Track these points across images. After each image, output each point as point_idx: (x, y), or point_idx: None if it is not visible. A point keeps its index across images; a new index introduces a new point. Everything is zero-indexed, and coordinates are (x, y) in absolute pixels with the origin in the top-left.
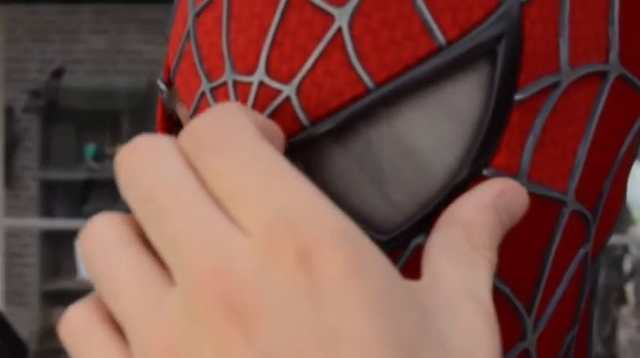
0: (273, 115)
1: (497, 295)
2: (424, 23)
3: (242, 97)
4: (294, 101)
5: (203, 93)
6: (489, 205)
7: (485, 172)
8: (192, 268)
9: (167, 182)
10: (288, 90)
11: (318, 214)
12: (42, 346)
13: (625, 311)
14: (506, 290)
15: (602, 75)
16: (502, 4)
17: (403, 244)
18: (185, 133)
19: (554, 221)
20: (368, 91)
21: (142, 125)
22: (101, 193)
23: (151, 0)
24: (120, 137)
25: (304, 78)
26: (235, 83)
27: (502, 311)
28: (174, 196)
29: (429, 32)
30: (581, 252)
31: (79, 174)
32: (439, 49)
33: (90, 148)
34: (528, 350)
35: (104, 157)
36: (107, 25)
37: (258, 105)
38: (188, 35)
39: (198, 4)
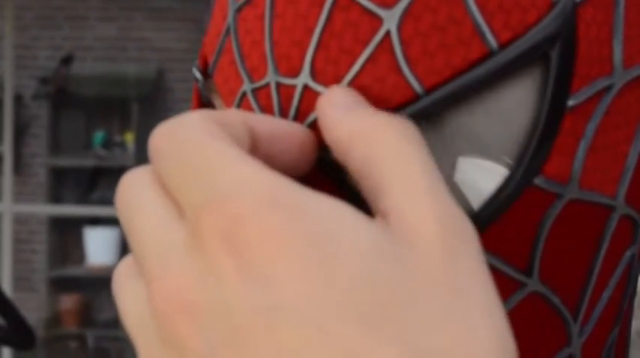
0: (317, 121)
1: (546, 305)
2: (476, 26)
3: (285, 100)
4: None
5: (244, 94)
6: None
7: (536, 181)
8: (145, 273)
9: (134, 193)
10: None
11: (245, 188)
12: (49, 332)
13: (635, 301)
14: (556, 300)
15: None
16: (556, 4)
17: None
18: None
19: (603, 226)
20: (417, 97)
21: (150, 112)
22: (109, 180)
23: None
24: (129, 124)
25: (351, 82)
26: (278, 85)
27: (549, 319)
28: (134, 202)
29: (481, 36)
30: (628, 254)
31: (88, 161)
32: (491, 53)
33: (98, 135)
34: (573, 354)
35: (113, 144)
36: (116, 12)
37: (302, 109)
38: (228, 31)
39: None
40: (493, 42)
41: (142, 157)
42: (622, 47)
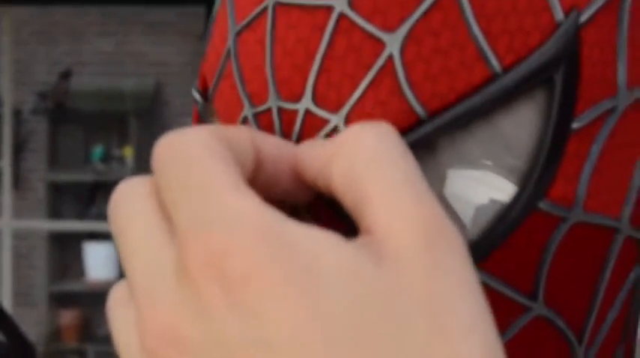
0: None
1: (551, 328)
2: (479, 50)
3: (287, 125)
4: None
5: (246, 118)
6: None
7: (541, 205)
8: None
9: (128, 205)
10: (336, 119)
11: (232, 220)
12: (49, 347)
13: None
14: (560, 323)
15: None
16: (559, 26)
17: None
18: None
19: (608, 248)
20: (420, 121)
21: (149, 126)
22: (108, 195)
23: (158, 2)
24: (127, 139)
25: (353, 107)
26: (280, 110)
27: (554, 343)
28: (127, 215)
29: (485, 60)
30: (632, 275)
31: (87, 176)
32: (494, 77)
33: (97, 150)
34: None
35: (111, 159)
36: (114, 27)
37: (305, 134)
38: (228, 54)
39: (239, 22)
40: (497, 66)
41: (140, 171)
42: (626, 68)
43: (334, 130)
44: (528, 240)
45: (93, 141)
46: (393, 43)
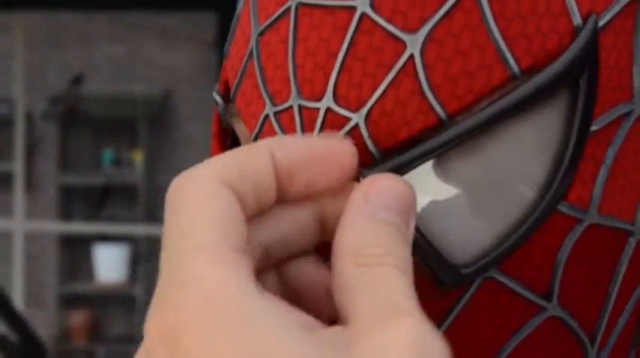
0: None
1: (564, 329)
2: (498, 52)
3: (308, 123)
4: (363, 130)
5: (267, 116)
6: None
7: (560, 207)
8: None
9: None
10: (357, 118)
11: (195, 286)
12: (59, 348)
13: None
14: (574, 324)
15: None
16: (579, 30)
17: (471, 279)
18: None
19: (621, 251)
20: (440, 122)
21: (159, 131)
22: (118, 198)
23: (168, 8)
24: (137, 143)
25: (374, 106)
26: (301, 108)
27: (567, 344)
28: None
29: (504, 61)
30: None
31: (97, 179)
32: (512, 79)
33: (107, 154)
34: None
35: (121, 163)
36: (124, 32)
37: (325, 132)
38: (251, 54)
39: (262, 23)
40: (515, 67)
41: (149, 175)
42: None
43: (354, 128)
44: (546, 241)
45: (103, 145)
46: (413, 44)
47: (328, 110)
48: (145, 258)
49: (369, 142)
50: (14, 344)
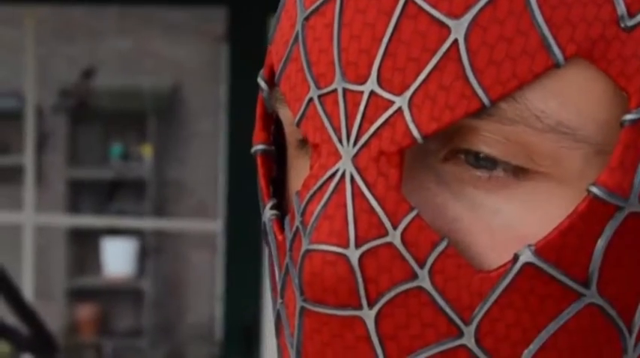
0: (383, 126)
1: (603, 317)
2: (542, 38)
3: (352, 106)
4: (407, 114)
5: (311, 99)
6: None
7: (595, 190)
8: None
9: None
10: (400, 101)
11: None
12: (67, 342)
13: None
14: (613, 312)
15: None
16: (622, 20)
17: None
18: None
19: None
20: (483, 106)
21: (167, 125)
22: (126, 192)
23: (177, 1)
24: (145, 137)
25: (417, 90)
26: (345, 91)
27: (606, 331)
28: None
29: (547, 48)
30: None
31: (105, 174)
32: (556, 66)
33: (116, 148)
34: None
35: (130, 157)
36: (132, 26)
37: (369, 115)
38: (296, 39)
39: (308, 7)
40: (559, 55)
41: (159, 169)
42: None
43: (397, 112)
44: (585, 227)
45: (112, 140)
46: (458, 29)
47: (372, 93)
48: (154, 252)
49: (412, 126)
50: (24, 336)
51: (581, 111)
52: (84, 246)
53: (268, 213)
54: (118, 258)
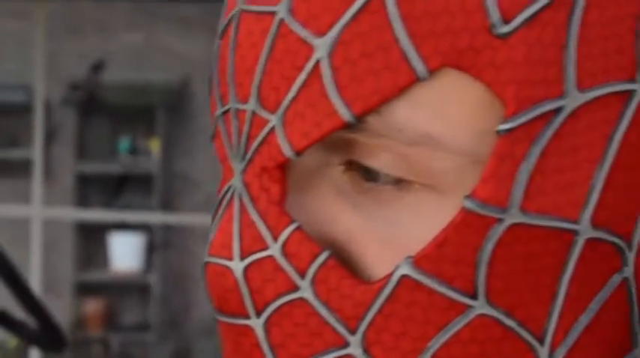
0: (262, 144)
1: (499, 327)
2: (404, 52)
3: (241, 125)
4: (279, 131)
5: (217, 118)
6: None
7: (467, 203)
8: None
9: None
10: (275, 119)
11: None
12: (74, 336)
13: None
14: (512, 323)
15: (627, 93)
16: (494, 28)
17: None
18: None
19: (566, 250)
20: (347, 122)
21: (176, 119)
22: (134, 186)
23: None
24: (154, 131)
25: (288, 108)
26: (237, 111)
27: (507, 342)
28: None
29: (409, 61)
30: (616, 278)
31: (114, 168)
32: (420, 79)
33: (124, 142)
34: None
35: (138, 151)
36: (142, 20)
37: (252, 133)
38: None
39: (219, 28)
40: (421, 67)
41: (167, 164)
42: (575, 68)
43: (272, 130)
44: (461, 239)
45: (120, 134)
46: (321, 47)
47: (253, 113)
48: (161, 247)
49: (283, 143)
50: (33, 330)
51: (454, 122)
52: (91, 241)
53: None
54: (125, 253)
